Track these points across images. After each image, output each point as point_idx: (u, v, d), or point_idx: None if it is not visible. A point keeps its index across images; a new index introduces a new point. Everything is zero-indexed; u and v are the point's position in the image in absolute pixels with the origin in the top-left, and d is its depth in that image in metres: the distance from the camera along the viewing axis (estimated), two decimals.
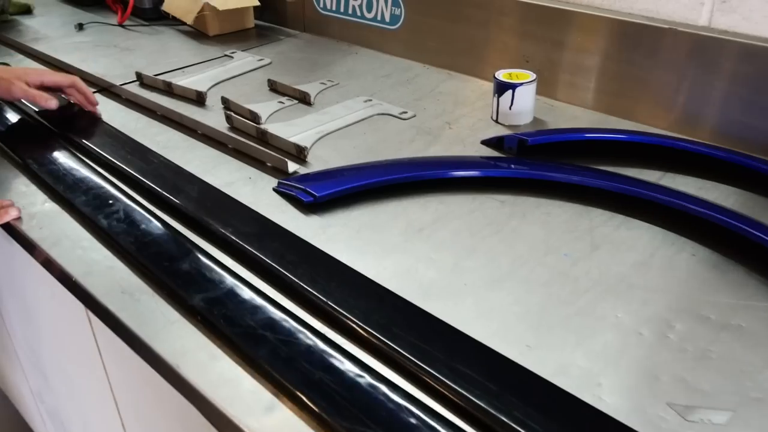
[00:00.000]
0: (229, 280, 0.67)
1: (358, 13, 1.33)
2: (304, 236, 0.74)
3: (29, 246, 0.78)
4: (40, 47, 1.37)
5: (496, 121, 1.02)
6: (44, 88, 0.99)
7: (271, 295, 0.65)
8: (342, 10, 1.36)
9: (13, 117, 1.06)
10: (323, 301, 0.63)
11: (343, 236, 0.75)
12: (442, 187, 0.84)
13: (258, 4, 1.44)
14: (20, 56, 1.38)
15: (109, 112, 1.08)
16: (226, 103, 1.07)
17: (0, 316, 1.25)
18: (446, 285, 0.67)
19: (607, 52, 1.01)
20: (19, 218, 0.81)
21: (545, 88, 1.09)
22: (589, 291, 0.66)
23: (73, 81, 1.02)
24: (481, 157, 0.90)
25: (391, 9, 1.27)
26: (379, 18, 1.30)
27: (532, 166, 0.85)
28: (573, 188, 0.81)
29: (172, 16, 1.48)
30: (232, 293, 0.65)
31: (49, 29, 1.54)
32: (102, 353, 0.85)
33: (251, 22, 1.50)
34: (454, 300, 0.65)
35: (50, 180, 0.86)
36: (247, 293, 0.65)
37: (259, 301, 0.64)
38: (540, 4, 1.06)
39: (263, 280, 0.68)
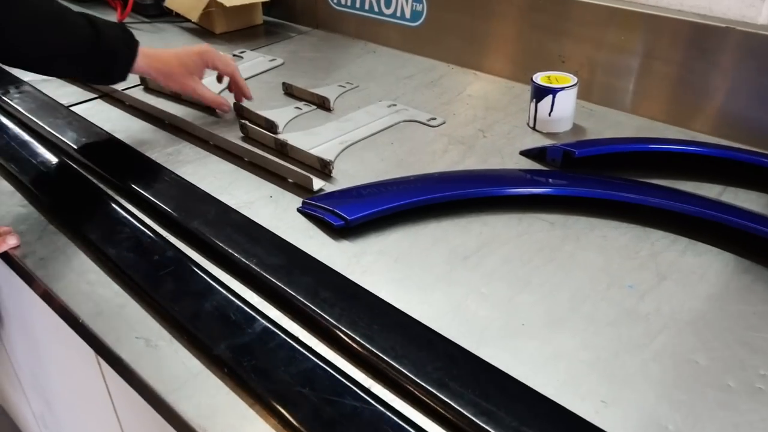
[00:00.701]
0: (258, 322, 0.59)
1: (376, 9, 1.25)
2: (337, 267, 0.66)
3: (29, 279, 0.70)
4: None
5: (534, 128, 0.94)
6: None
7: (306, 341, 0.58)
8: (358, 5, 1.28)
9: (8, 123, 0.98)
10: (368, 349, 0.55)
11: (380, 266, 0.67)
12: (482, 206, 0.76)
13: None
14: None
15: (113, 121, 1.00)
16: (240, 111, 1.00)
17: None
18: (502, 325, 0.60)
19: (651, 51, 0.93)
20: (18, 246, 0.73)
21: (583, 91, 1.01)
22: (663, 331, 0.59)
23: (232, 71, 0.99)
24: (525, 172, 0.82)
25: (412, 4, 1.18)
26: (398, 14, 1.22)
27: (583, 182, 0.77)
28: (628, 207, 0.74)
29: (176, 12, 1.40)
30: (262, 339, 0.58)
31: None
32: (114, 400, 0.77)
33: (260, 18, 1.42)
34: (513, 344, 0.58)
35: (49, 201, 0.79)
36: (279, 338, 0.58)
37: (295, 348, 0.56)
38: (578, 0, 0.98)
39: (296, 322, 0.61)
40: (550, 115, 0.91)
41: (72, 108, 1.04)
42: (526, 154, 0.87)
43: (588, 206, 0.75)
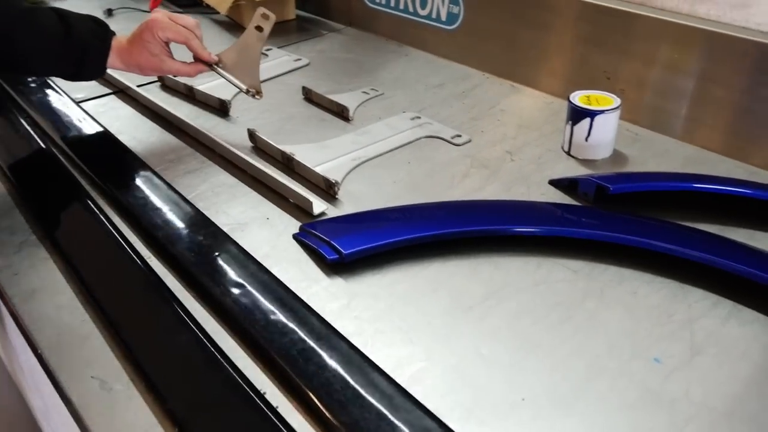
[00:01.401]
0: (223, 372, 0.53)
1: (411, 9, 1.17)
2: (324, 309, 0.59)
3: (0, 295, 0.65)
4: None
5: (568, 153, 0.85)
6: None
7: (273, 399, 0.51)
8: (393, 4, 1.20)
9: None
10: (339, 419, 0.48)
11: (371, 313, 0.60)
12: (497, 244, 0.68)
13: None
14: None
15: (121, 120, 0.95)
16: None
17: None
18: (499, 398, 0.51)
19: (710, 73, 0.82)
20: None
21: (629, 112, 0.91)
22: (691, 422, 0.49)
23: (185, 38, 0.82)
24: (550, 207, 0.73)
25: (449, 6, 1.10)
26: (434, 16, 1.13)
27: (616, 223, 0.68)
28: (666, 258, 0.64)
29: (206, 3, 1.34)
30: (223, 395, 0.51)
31: None
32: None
33: (292, 13, 1.35)
34: (507, 424, 0.49)
35: (37, 208, 0.74)
36: (241, 391, 0.51)
37: (258, 407, 0.49)
38: (627, 10, 0.88)
39: (265, 374, 0.54)
40: (587, 140, 0.82)
41: (82, 104, 0.99)
42: (556, 184, 0.78)
43: (619, 253, 0.66)
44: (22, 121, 0.92)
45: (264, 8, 0.83)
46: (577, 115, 0.81)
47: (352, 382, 0.51)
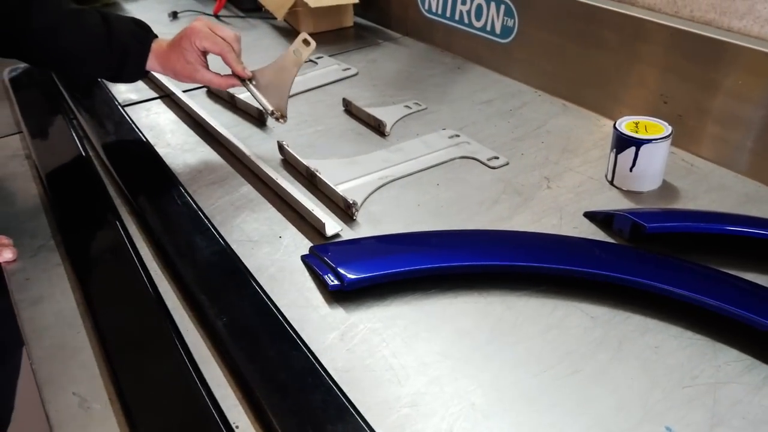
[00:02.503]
0: (199, 402, 0.51)
1: (466, 21, 1.12)
2: (318, 341, 0.57)
3: (8, 300, 0.66)
4: None
5: (611, 183, 0.78)
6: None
7: None
8: (448, 14, 1.16)
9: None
10: None
11: (364, 348, 0.57)
12: (513, 281, 0.63)
13: (356, 1, 1.27)
14: None
15: (160, 126, 0.96)
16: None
17: None
18: None
19: None
20: (14, 261, 0.70)
21: (686, 139, 0.83)
22: None
23: (221, 50, 0.82)
24: (578, 242, 0.67)
25: (503, 19, 1.05)
26: (488, 28, 1.08)
27: (647, 267, 0.62)
28: (699, 310, 0.57)
29: (266, 8, 1.34)
30: (195, 426, 0.49)
31: (144, 16, 1.42)
32: None
33: (350, 20, 1.33)
34: None
35: (60, 212, 0.75)
36: (214, 428, 0.49)
37: None
38: (692, 31, 0.80)
39: (242, 405, 0.52)
40: (631, 170, 0.75)
41: (128, 107, 1.01)
42: (591, 217, 0.72)
43: (645, 300, 0.60)
44: (68, 124, 0.94)
45: (307, 34, 0.81)
46: (622, 143, 0.75)
47: (328, 426, 0.48)
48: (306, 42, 0.81)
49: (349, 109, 0.98)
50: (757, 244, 0.64)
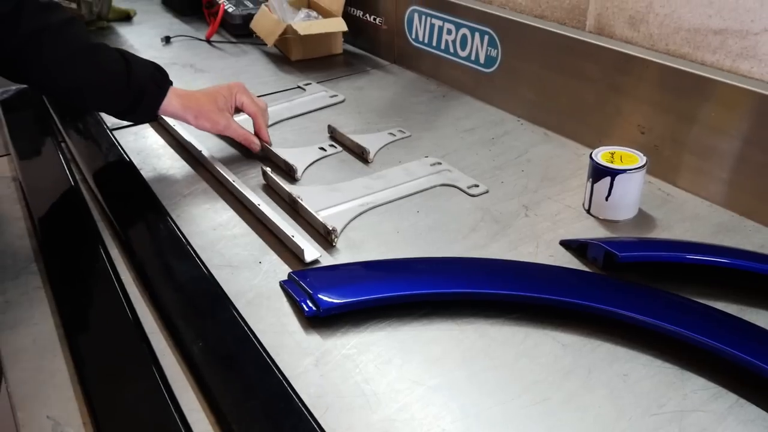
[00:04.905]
0: (174, 426, 0.51)
1: (451, 50, 1.14)
2: (292, 367, 0.58)
3: None
4: None
5: (588, 212, 0.80)
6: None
7: None
8: (434, 44, 1.18)
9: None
10: None
11: (336, 374, 0.57)
12: (488, 308, 0.64)
13: (345, 29, 1.29)
14: None
15: (147, 150, 0.97)
16: (265, 152, 0.93)
17: None
18: None
19: (751, 135, 0.76)
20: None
21: (663, 169, 0.85)
22: None
23: (254, 112, 0.93)
24: (552, 269, 0.69)
25: (487, 49, 1.07)
26: (473, 58, 1.10)
27: (615, 295, 0.63)
28: (670, 339, 0.58)
29: (257, 35, 1.36)
30: None
31: (138, 41, 1.48)
32: None
33: (339, 48, 1.35)
34: None
35: (43, 235, 0.76)
36: None
37: None
38: (667, 64, 0.82)
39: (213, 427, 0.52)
40: (607, 199, 0.77)
41: (115, 131, 1.02)
42: (566, 245, 0.73)
43: (617, 328, 0.61)
44: (56, 147, 0.95)
45: None
46: (597, 172, 0.77)
47: None
48: None
49: (334, 136, 1.00)
50: (726, 274, 0.65)
